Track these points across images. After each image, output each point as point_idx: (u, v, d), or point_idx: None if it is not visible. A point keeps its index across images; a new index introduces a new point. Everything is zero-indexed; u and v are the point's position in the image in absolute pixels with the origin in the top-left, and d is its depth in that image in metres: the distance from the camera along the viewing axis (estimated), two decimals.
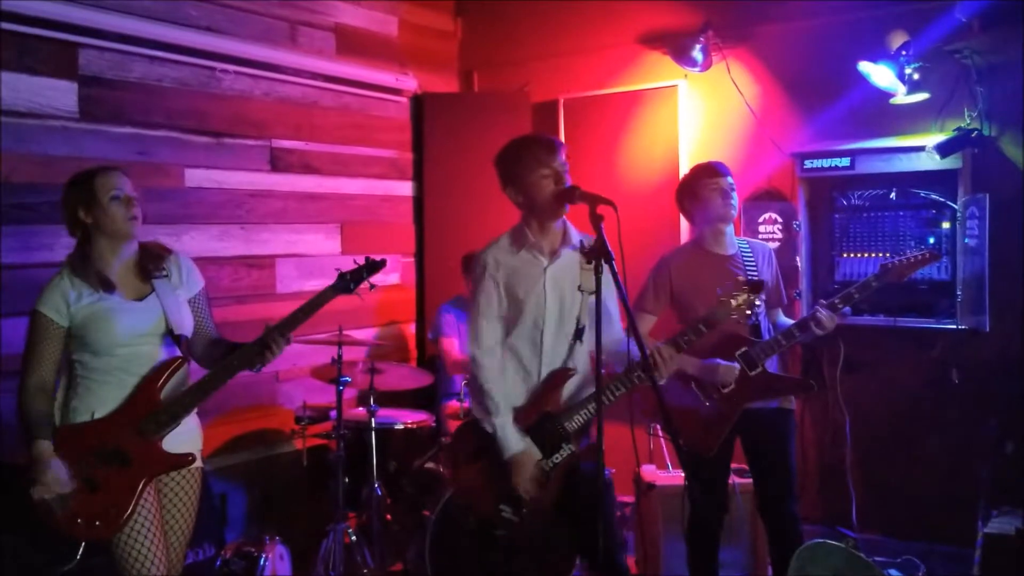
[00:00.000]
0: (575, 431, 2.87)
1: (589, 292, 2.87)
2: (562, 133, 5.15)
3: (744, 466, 3.59)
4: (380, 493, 4.03)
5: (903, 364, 4.15)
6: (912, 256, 3.22)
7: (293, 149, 4.63)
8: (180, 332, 2.66)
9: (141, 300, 2.63)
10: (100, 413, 2.57)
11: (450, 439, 3.01)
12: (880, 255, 4.05)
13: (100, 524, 2.49)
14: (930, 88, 3.92)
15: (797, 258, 4.28)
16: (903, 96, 3.93)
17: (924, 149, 3.90)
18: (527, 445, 2.83)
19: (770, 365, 3.32)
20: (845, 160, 4.13)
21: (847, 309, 3.27)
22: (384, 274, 4.96)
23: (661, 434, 4.47)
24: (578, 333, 2.93)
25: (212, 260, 4.21)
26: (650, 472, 4.12)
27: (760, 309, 3.37)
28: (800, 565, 3.18)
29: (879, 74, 3.93)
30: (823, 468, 4.34)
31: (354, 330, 4.45)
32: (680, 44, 4.56)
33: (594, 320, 2.78)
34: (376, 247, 5.04)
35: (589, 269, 2.79)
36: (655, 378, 2.66)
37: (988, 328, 3.78)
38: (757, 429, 3.34)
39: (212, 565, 3.52)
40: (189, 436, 2.70)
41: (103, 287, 2.58)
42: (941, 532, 3.99)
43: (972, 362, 3.94)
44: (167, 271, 2.71)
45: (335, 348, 3.90)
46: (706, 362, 3.28)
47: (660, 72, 4.81)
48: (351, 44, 4.95)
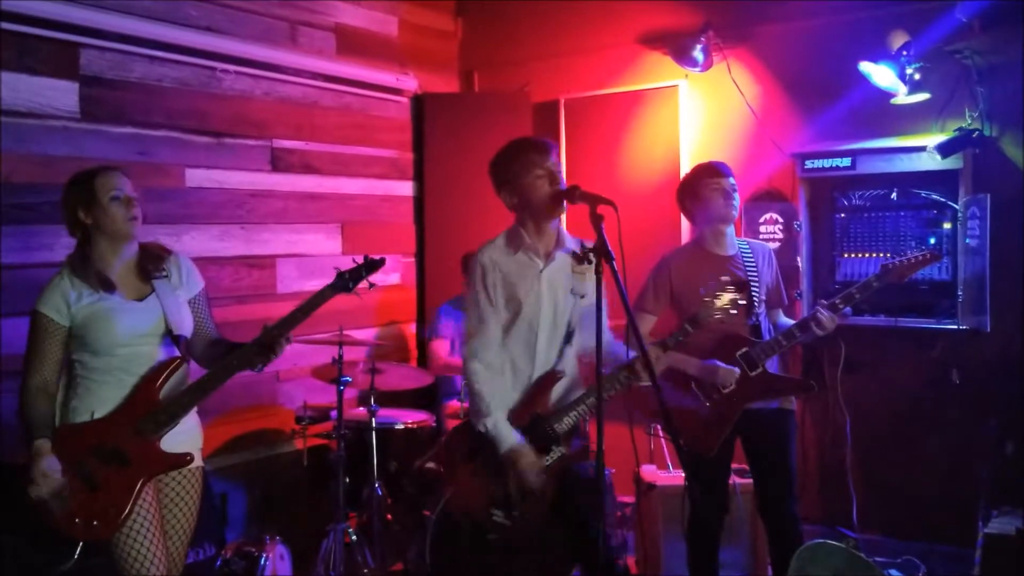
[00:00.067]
0: (565, 433, 2.87)
1: (580, 295, 2.91)
2: (563, 133, 5.15)
3: (744, 466, 3.59)
4: (380, 493, 4.03)
5: (904, 364, 4.15)
6: (913, 256, 3.22)
7: (294, 149, 4.64)
8: (179, 332, 2.66)
9: (141, 300, 2.63)
10: (100, 413, 2.57)
11: (444, 442, 3.00)
12: (881, 255, 4.05)
13: (98, 524, 2.49)
14: (931, 88, 3.92)
15: (798, 258, 4.28)
16: (904, 96, 3.93)
17: (925, 149, 3.90)
18: (521, 438, 2.83)
19: (771, 365, 3.32)
20: (846, 160, 4.13)
21: (848, 309, 3.27)
22: (384, 274, 5.08)
23: (662, 434, 4.47)
24: (568, 336, 2.94)
25: (213, 260, 4.21)
26: (650, 472, 4.12)
27: (760, 309, 3.38)
28: (800, 565, 3.18)
29: (880, 74, 3.93)
30: (823, 468, 4.34)
31: (355, 330, 4.45)
32: (681, 44, 4.56)
33: (583, 323, 2.87)
34: (377, 247, 5.04)
35: (580, 272, 2.87)
36: (643, 379, 2.71)
37: (989, 328, 3.78)
38: (758, 429, 3.34)
39: (212, 565, 3.52)
40: (189, 436, 2.70)
41: (103, 287, 2.58)
42: (941, 532, 3.99)
43: (973, 362, 3.94)
44: (167, 271, 2.71)
45: (336, 348, 3.90)
46: (706, 363, 3.28)
47: (661, 72, 4.81)
48: (351, 44, 4.95)
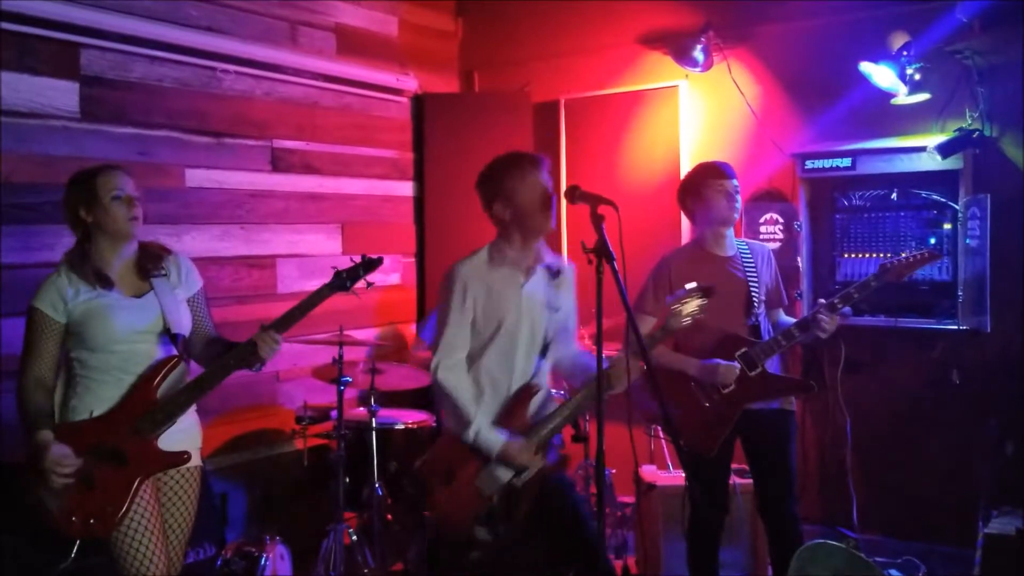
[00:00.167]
0: (543, 443, 2.88)
1: (555, 309, 2.94)
2: (563, 133, 5.16)
3: (744, 466, 3.59)
4: (381, 493, 4.03)
5: (904, 365, 4.15)
6: (911, 256, 3.22)
7: (294, 149, 4.63)
8: (177, 331, 2.66)
9: (139, 297, 2.63)
10: (98, 412, 2.56)
11: (422, 462, 2.97)
12: (881, 256, 4.05)
13: (95, 523, 2.49)
14: (931, 88, 3.92)
15: (798, 259, 4.28)
16: (904, 96, 3.93)
17: (925, 150, 3.90)
18: (507, 434, 2.84)
19: (771, 366, 3.32)
20: (846, 161, 4.13)
21: (847, 309, 3.26)
22: (385, 274, 5.09)
23: (662, 435, 4.47)
24: (543, 350, 2.96)
25: (213, 260, 4.21)
26: (650, 472, 4.12)
27: (760, 310, 3.38)
28: (800, 565, 3.18)
29: (880, 74, 3.93)
30: (824, 468, 4.34)
31: (355, 330, 4.45)
32: (681, 44, 4.56)
33: (558, 336, 2.95)
34: (377, 247, 5.04)
35: (556, 285, 2.92)
36: (619, 387, 2.78)
37: (989, 329, 3.79)
38: (758, 430, 3.34)
39: (213, 565, 3.52)
40: (187, 434, 2.70)
41: (101, 284, 2.58)
42: (942, 532, 3.99)
43: (973, 363, 3.93)
44: (166, 270, 2.71)
45: (336, 348, 3.90)
46: (706, 362, 3.28)
47: (661, 72, 4.81)
48: (352, 44, 4.95)
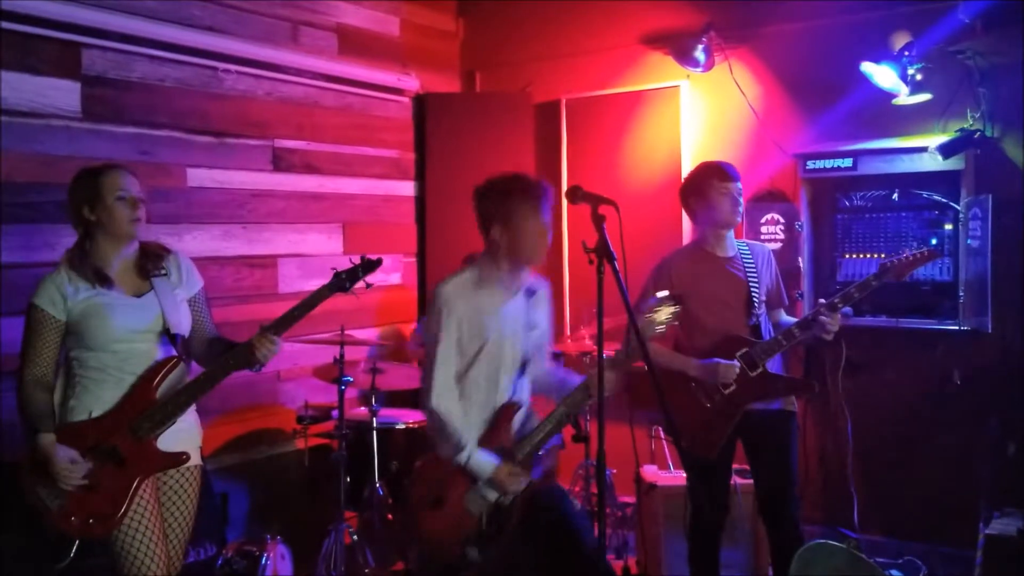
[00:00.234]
0: (528, 459, 2.90)
1: (533, 327, 3.00)
2: (564, 133, 5.16)
3: (746, 466, 3.58)
4: (382, 493, 4.04)
5: (905, 365, 4.15)
6: (911, 254, 3.20)
7: (295, 149, 4.64)
8: (176, 331, 2.66)
9: (139, 297, 2.63)
10: (97, 412, 2.56)
11: (409, 486, 2.96)
12: (882, 256, 4.05)
13: (94, 523, 2.49)
14: (933, 89, 3.92)
15: (799, 259, 4.28)
16: (906, 97, 3.93)
17: (927, 150, 3.90)
18: (497, 458, 2.86)
19: (772, 366, 3.31)
20: (847, 161, 4.13)
21: (848, 309, 3.26)
22: (386, 274, 5.09)
23: (663, 436, 4.47)
24: (523, 367, 2.99)
25: (214, 260, 4.22)
26: (651, 472, 4.11)
27: (760, 310, 3.37)
28: (801, 566, 3.18)
29: (882, 75, 3.93)
30: (825, 469, 4.34)
31: (356, 330, 4.45)
32: (682, 45, 4.56)
33: (535, 355, 3.00)
34: (378, 247, 5.05)
35: (533, 304, 2.99)
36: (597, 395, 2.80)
37: (990, 329, 3.79)
38: (759, 431, 3.34)
39: (214, 564, 3.52)
40: (187, 434, 2.70)
41: (100, 283, 2.57)
42: (942, 533, 3.99)
43: (974, 363, 3.94)
44: (166, 270, 2.71)
45: (337, 348, 3.91)
46: (706, 362, 3.28)
47: (662, 72, 4.81)
48: (353, 44, 4.96)
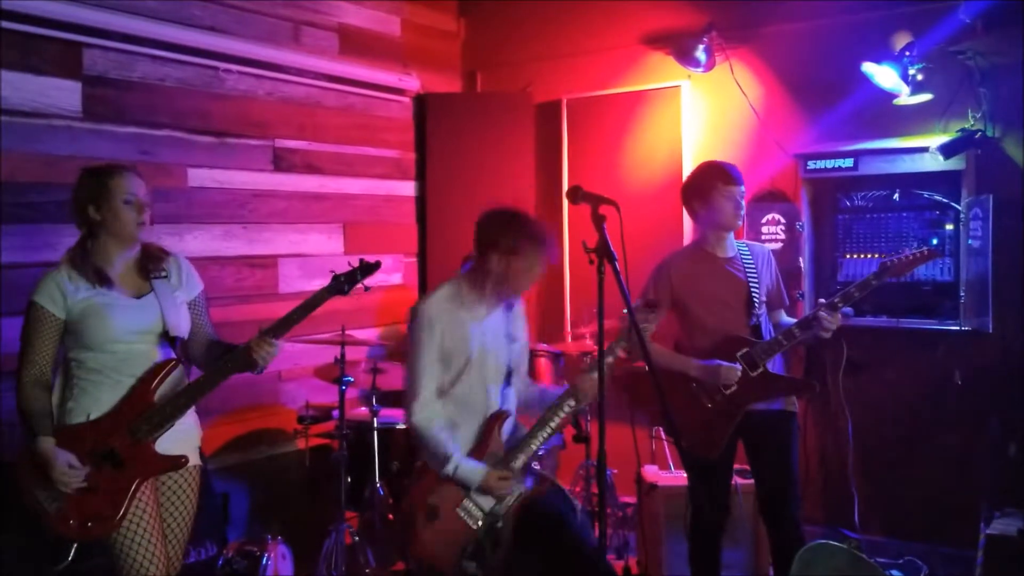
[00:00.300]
0: (519, 469, 2.92)
1: (514, 340, 3.04)
2: (565, 133, 5.16)
3: (746, 467, 3.58)
4: (382, 493, 4.04)
5: (906, 365, 4.15)
6: (911, 254, 3.20)
7: (296, 149, 4.64)
8: (176, 334, 2.66)
9: (139, 298, 2.63)
10: (95, 415, 2.56)
11: (403, 503, 2.96)
12: (883, 256, 4.04)
13: (93, 525, 2.49)
14: (934, 89, 3.92)
15: (800, 259, 4.28)
16: (907, 97, 3.93)
17: (927, 150, 3.90)
18: (485, 464, 2.88)
19: (773, 366, 3.31)
20: (848, 161, 4.13)
21: (849, 309, 3.26)
22: (387, 274, 5.09)
23: (664, 437, 4.47)
24: (507, 378, 3.03)
25: (215, 260, 4.22)
26: (652, 473, 4.11)
27: (761, 311, 3.37)
28: (802, 566, 3.17)
29: (883, 75, 3.93)
30: (825, 469, 4.34)
31: (356, 330, 4.45)
32: (683, 45, 4.56)
33: (516, 367, 3.06)
34: (379, 247, 5.05)
35: (511, 318, 3.04)
36: (583, 402, 2.90)
37: (991, 329, 3.78)
38: (760, 431, 3.34)
39: (214, 564, 3.52)
40: (186, 436, 2.70)
41: (101, 282, 2.57)
42: (943, 533, 3.99)
43: (975, 363, 3.93)
44: (167, 272, 2.71)
45: (338, 348, 3.91)
46: (707, 363, 3.28)
47: (663, 73, 4.81)
48: (354, 44, 4.96)
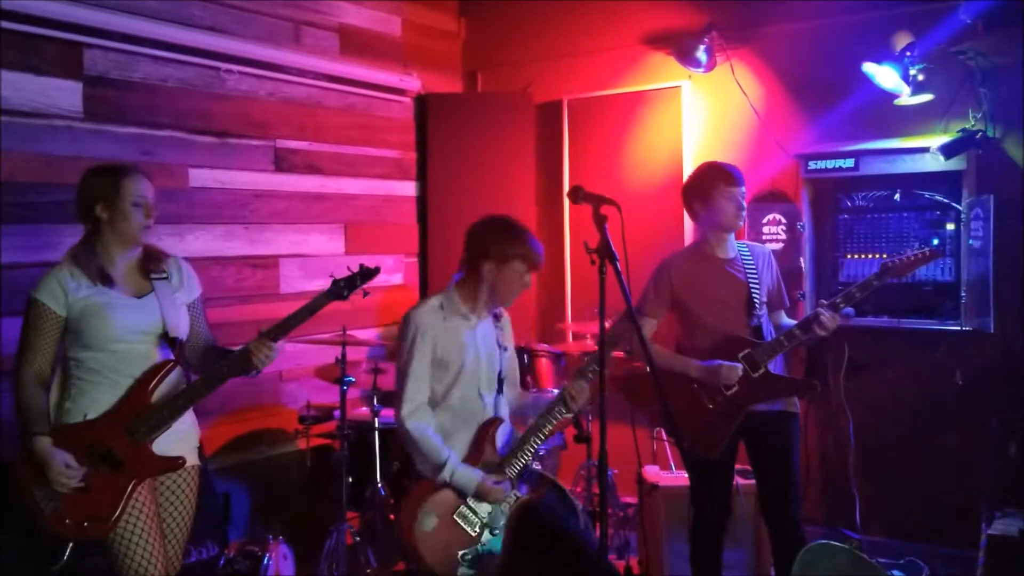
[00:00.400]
0: (516, 476, 2.93)
1: (504, 349, 3.08)
2: (565, 134, 5.16)
3: (748, 467, 3.58)
4: (383, 493, 4.04)
5: (907, 366, 4.15)
6: (912, 254, 3.20)
7: (297, 149, 4.64)
8: (175, 335, 2.66)
9: (140, 298, 2.63)
10: (93, 415, 2.56)
11: (401, 510, 2.96)
12: (884, 256, 4.05)
13: (89, 525, 2.49)
14: (934, 89, 3.92)
15: (801, 259, 4.28)
16: (907, 97, 3.93)
17: (928, 150, 3.90)
18: (481, 469, 2.90)
19: (774, 367, 3.31)
20: (849, 161, 4.13)
21: (850, 309, 3.26)
22: (387, 274, 5.09)
23: (665, 438, 4.47)
24: (500, 385, 3.06)
25: (216, 260, 4.22)
26: (653, 473, 4.11)
27: (762, 311, 3.37)
28: (803, 566, 3.18)
29: (883, 75, 3.93)
30: (826, 469, 4.34)
31: (357, 330, 4.45)
32: (684, 45, 4.56)
33: (508, 375, 3.10)
34: (380, 247, 5.06)
35: (500, 327, 3.08)
36: (577, 406, 2.92)
37: (992, 329, 3.78)
38: (761, 432, 3.33)
39: (216, 564, 3.52)
40: (184, 436, 2.70)
41: (102, 281, 2.57)
42: (944, 533, 3.99)
43: (976, 363, 3.93)
44: (167, 273, 2.71)
45: (339, 348, 3.91)
46: (707, 363, 3.28)
47: (664, 73, 4.81)
48: (355, 44, 4.96)
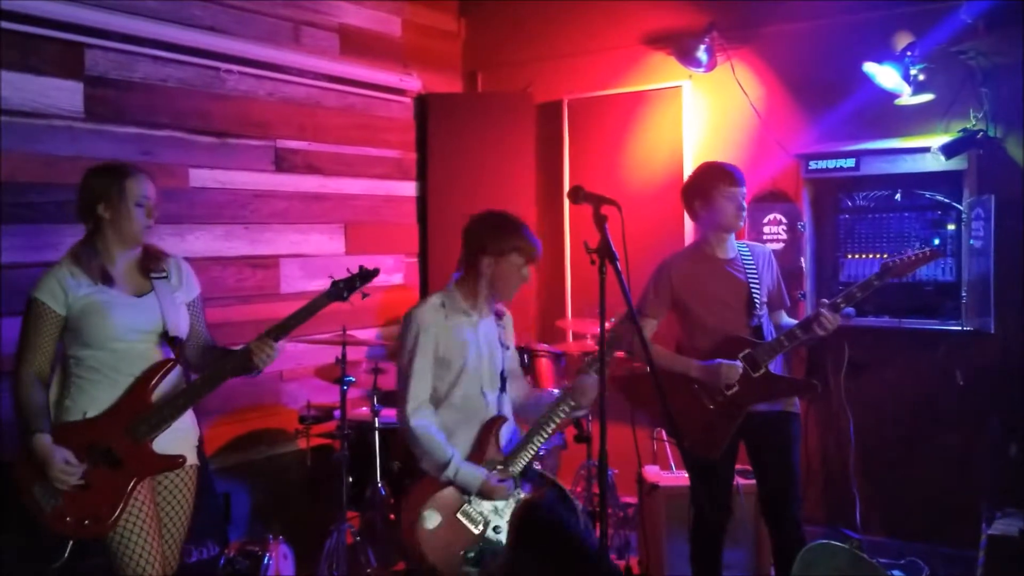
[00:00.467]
0: (519, 474, 2.94)
1: (507, 347, 3.08)
2: (566, 134, 5.16)
3: (748, 467, 3.58)
4: (384, 493, 4.04)
5: (907, 366, 4.15)
6: (913, 254, 3.20)
7: (297, 149, 4.64)
8: (175, 334, 2.66)
9: (140, 297, 2.63)
10: (92, 413, 2.56)
11: (403, 509, 2.96)
12: (885, 256, 4.04)
13: (89, 523, 2.49)
14: (935, 89, 3.92)
15: (802, 259, 4.28)
16: (908, 97, 3.93)
17: (929, 150, 3.89)
18: (485, 468, 2.89)
19: (775, 367, 3.31)
20: (850, 161, 4.13)
21: (850, 309, 3.25)
22: (387, 274, 5.10)
23: (665, 438, 4.47)
24: (503, 384, 3.05)
25: (216, 260, 4.22)
26: (653, 473, 4.11)
27: (762, 311, 3.37)
28: (803, 566, 3.18)
29: (884, 75, 3.93)
30: (827, 469, 4.34)
31: (358, 330, 4.45)
32: (684, 45, 4.56)
33: (511, 375, 3.09)
34: (380, 247, 5.06)
35: (502, 326, 3.09)
36: (581, 406, 2.92)
37: (993, 329, 3.78)
38: (762, 432, 3.33)
39: (216, 564, 3.52)
40: (183, 436, 2.70)
41: (103, 280, 2.57)
42: (944, 533, 3.99)
43: (976, 364, 3.93)
44: (167, 272, 2.71)
45: (339, 348, 3.91)
46: (707, 363, 3.28)
47: (664, 73, 4.81)
48: (355, 44, 4.96)
